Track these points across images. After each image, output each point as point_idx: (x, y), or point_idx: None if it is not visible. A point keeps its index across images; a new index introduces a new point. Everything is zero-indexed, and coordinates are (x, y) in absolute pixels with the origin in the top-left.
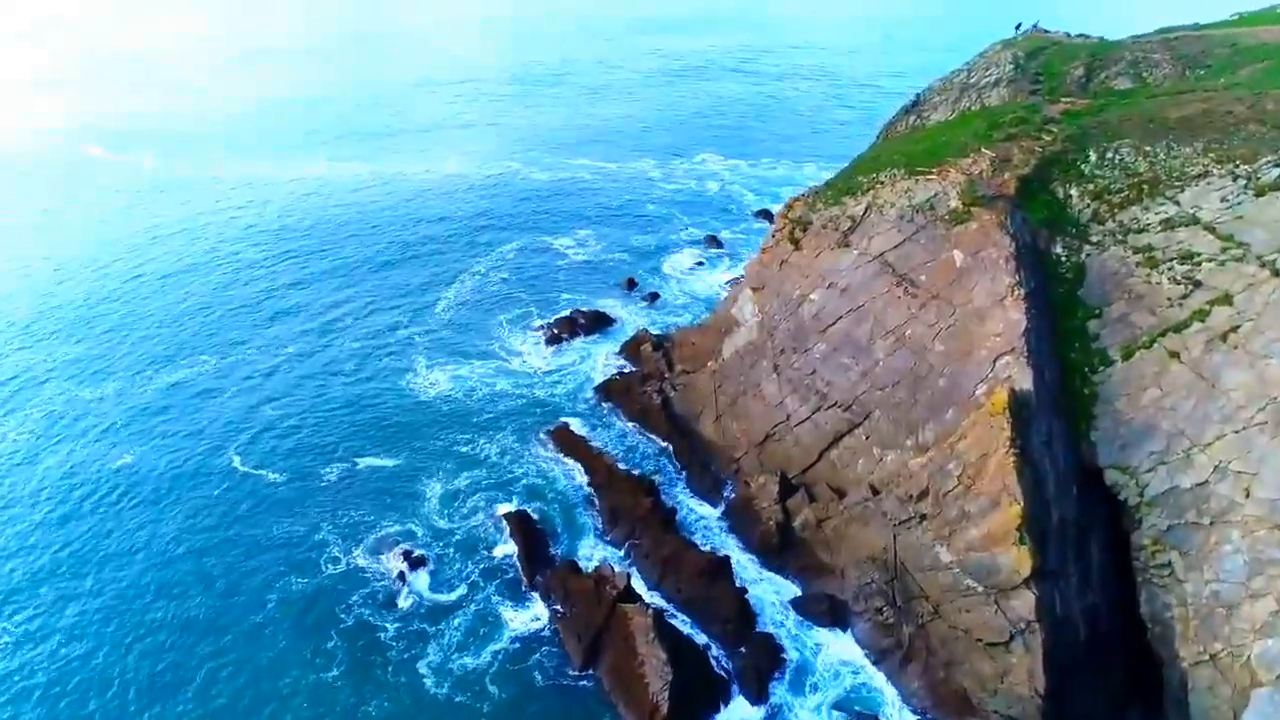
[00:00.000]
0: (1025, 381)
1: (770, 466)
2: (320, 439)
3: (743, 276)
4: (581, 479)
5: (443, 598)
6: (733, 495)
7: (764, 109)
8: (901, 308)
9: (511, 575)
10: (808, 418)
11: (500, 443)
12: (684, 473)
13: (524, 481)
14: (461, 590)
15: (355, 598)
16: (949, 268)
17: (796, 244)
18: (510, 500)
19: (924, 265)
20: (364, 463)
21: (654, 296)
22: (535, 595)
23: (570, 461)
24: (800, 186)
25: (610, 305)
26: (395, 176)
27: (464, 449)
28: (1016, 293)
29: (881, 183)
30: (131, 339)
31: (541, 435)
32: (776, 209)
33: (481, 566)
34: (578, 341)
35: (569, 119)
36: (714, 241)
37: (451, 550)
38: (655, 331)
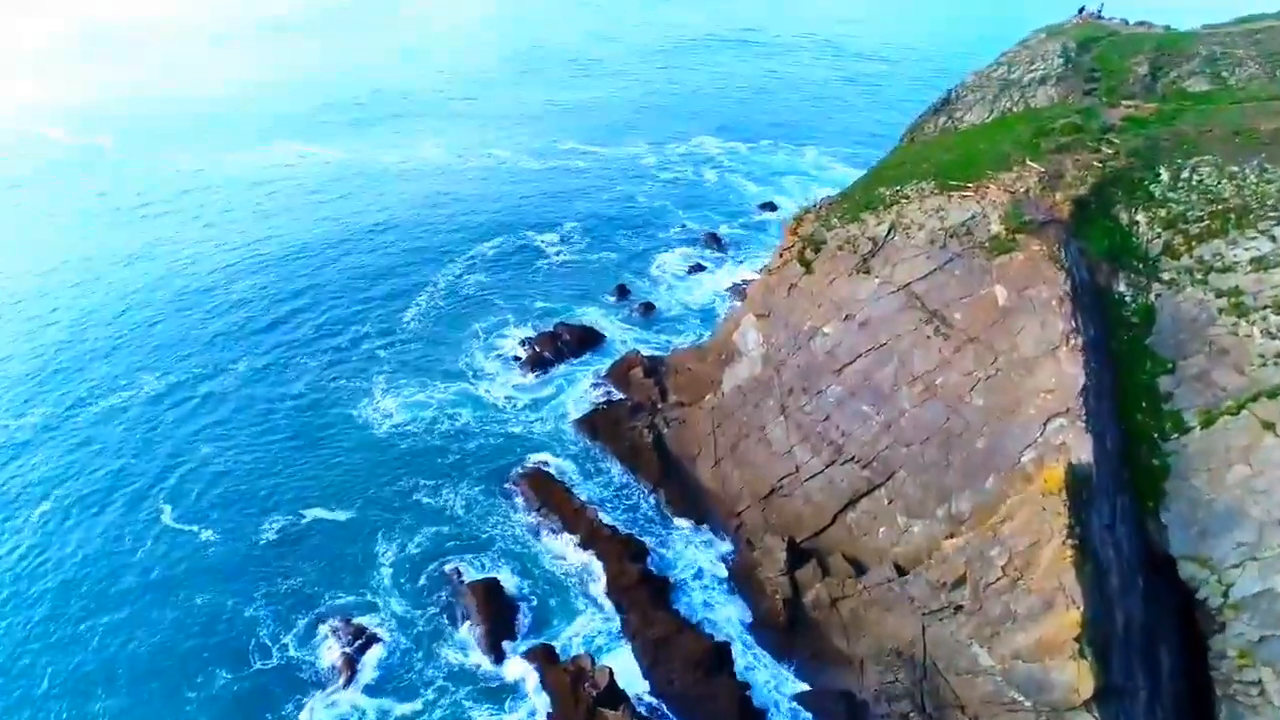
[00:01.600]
0: (1084, 452)
1: (777, 525)
2: (261, 483)
3: (744, 285)
4: (561, 537)
5: (395, 705)
6: (734, 557)
7: (764, 86)
8: (932, 350)
9: (477, 664)
10: (820, 471)
11: (467, 490)
12: (678, 526)
13: (493, 540)
14: (418, 688)
15: (289, 704)
16: (989, 306)
17: (807, 266)
18: (477, 564)
19: (959, 301)
20: (310, 515)
21: (647, 308)
22: (504, 688)
23: (548, 515)
24: (801, 176)
25: (598, 318)
26: (368, 164)
27: (425, 498)
28: (1073, 341)
29: (907, 197)
30: (65, 355)
31: (515, 479)
32: (783, 220)
33: (442, 654)
34: (561, 366)
35: (556, 98)
36: (713, 240)
37: (406, 633)
38: (648, 352)
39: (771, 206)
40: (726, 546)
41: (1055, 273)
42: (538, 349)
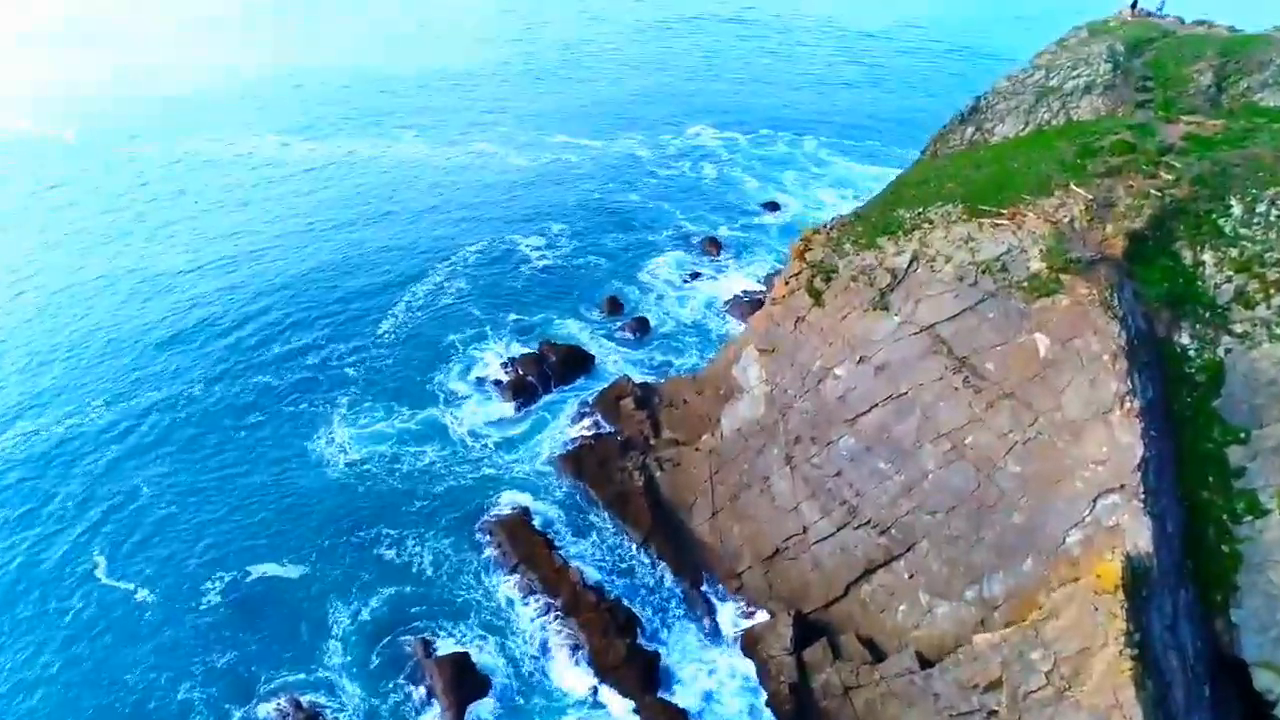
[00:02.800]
0: (1141, 538)
1: (781, 592)
2: (206, 530)
3: (744, 297)
4: (540, 601)
5: None
6: (733, 626)
7: (763, 68)
8: (960, 404)
9: None
10: (831, 534)
11: (435, 542)
12: (671, 589)
13: (464, 605)
14: None
15: None
16: (1028, 357)
17: (817, 298)
18: (446, 632)
19: (992, 349)
20: (256, 571)
21: (640, 324)
22: None
23: (526, 573)
24: (801, 172)
25: (586, 335)
26: (346, 158)
27: (387, 551)
28: (1128, 404)
29: (931, 222)
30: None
31: (490, 528)
32: (790, 243)
33: None
34: (544, 393)
35: (544, 84)
36: (712, 244)
37: (364, 716)
38: (640, 376)
39: (773, 206)
40: (725, 612)
41: (1107, 322)
42: (520, 372)
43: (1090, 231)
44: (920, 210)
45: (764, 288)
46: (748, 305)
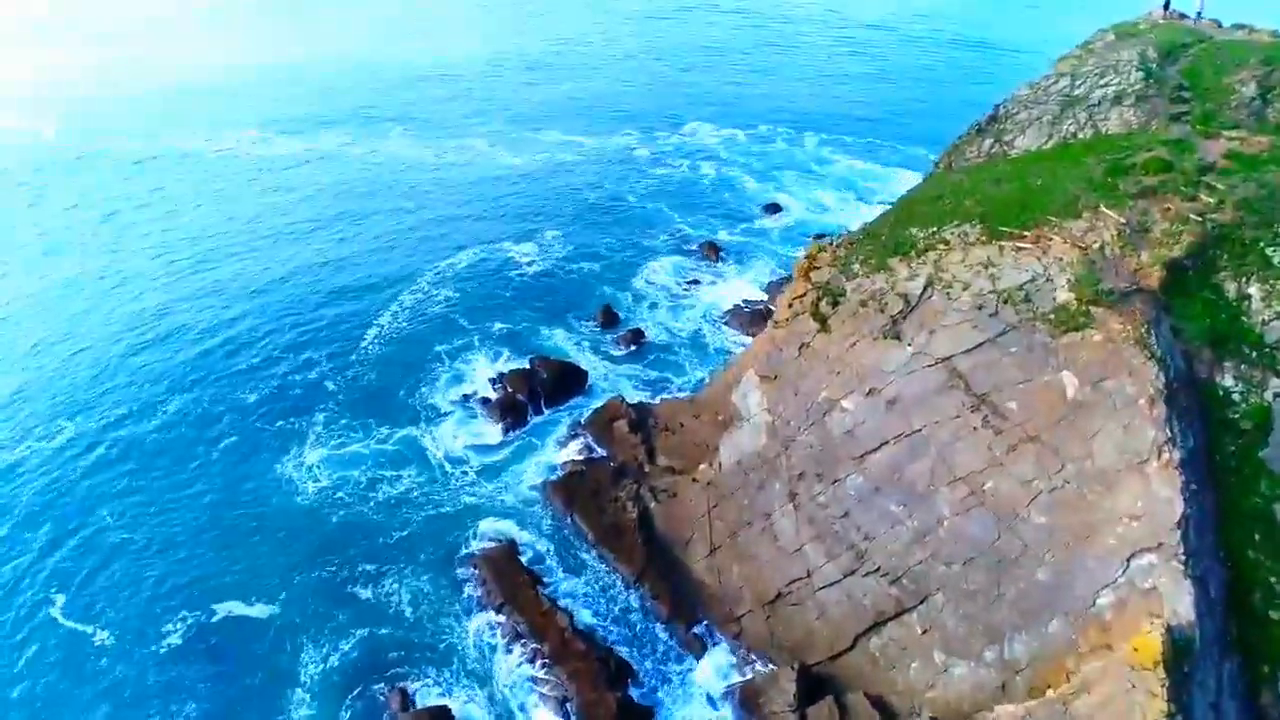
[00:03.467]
0: (1182, 604)
1: (784, 640)
2: (170, 565)
3: (745, 307)
4: (526, 648)
5: None
6: (732, 678)
7: (762, 60)
8: (979, 446)
9: None
10: (837, 580)
11: (413, 580)
12: (665, 635)
13: (444, 650)
14: None
15: None
16: (1055, 398)
17: (823, 323)
18: (422, 682)
19: (1014, 387)
20: (221, 610)
21: (636, 336)
22: None
23: (510, 617)
24: (802, 172)
25: (579, 349)
26: (330, 157)
27: (361, 591)
28: (1166, 455)
29: (946, 243)
30: None
31: (473, 563)
32: (795, 264)
33: None
34: (533, 413)
35: (537, 77)
36: (711, 249)
37: None
38: (635, 394)
39: (774, 208)
40: (722, 658)
41: (1143, 362)
42: (510, 389)
43: (1123, 260)
44: (934, 229)
45: (764, 296)
46: (747, 316)
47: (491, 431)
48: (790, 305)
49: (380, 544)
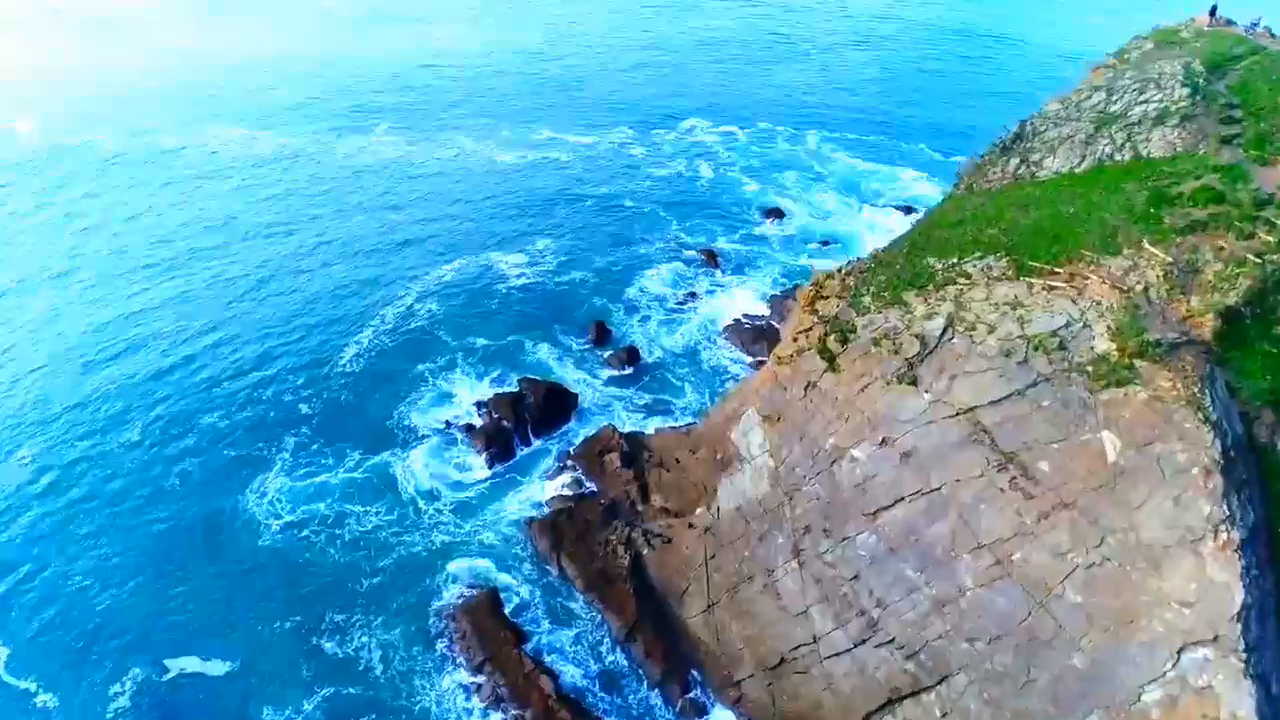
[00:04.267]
0: (1242, 706)
1: (788, 711)
2: (122, 613)
3: (745, 322)
4: (507, 714)
5: None
6: None
7: (762, 52)
8: (1006, 510)
9: None
10: (847, 650)
11: (384, 633)
12: (657, 694)
13: (417, 717)
14: None
15: None
16: (1094, 461)
17: (831, 361)
18: None
19: (1047, 446)
20: (175, 667)
21: (630, 356)
22: None
23: (491, 678)
24: (804, 172)
25: (570, 370)
26: (314, 155)
27: (327, 644)
28: (1224, 534)
29: (968, 277)
30: None
31: (451, 613)
32: (799, 293)
33: None
34: (520, 442)
35: (529, 68)
36: (709, 257)
37: None
38: (629, 419)
39: (774, 213)
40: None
41: (1196, 426)
42: (495, 414)
43: (1171, 305)
44: (955, 261)
45: (766, 310)
46: (748, 332)
47: (474, 462)
48: (795, 339)
49: (349, 590)
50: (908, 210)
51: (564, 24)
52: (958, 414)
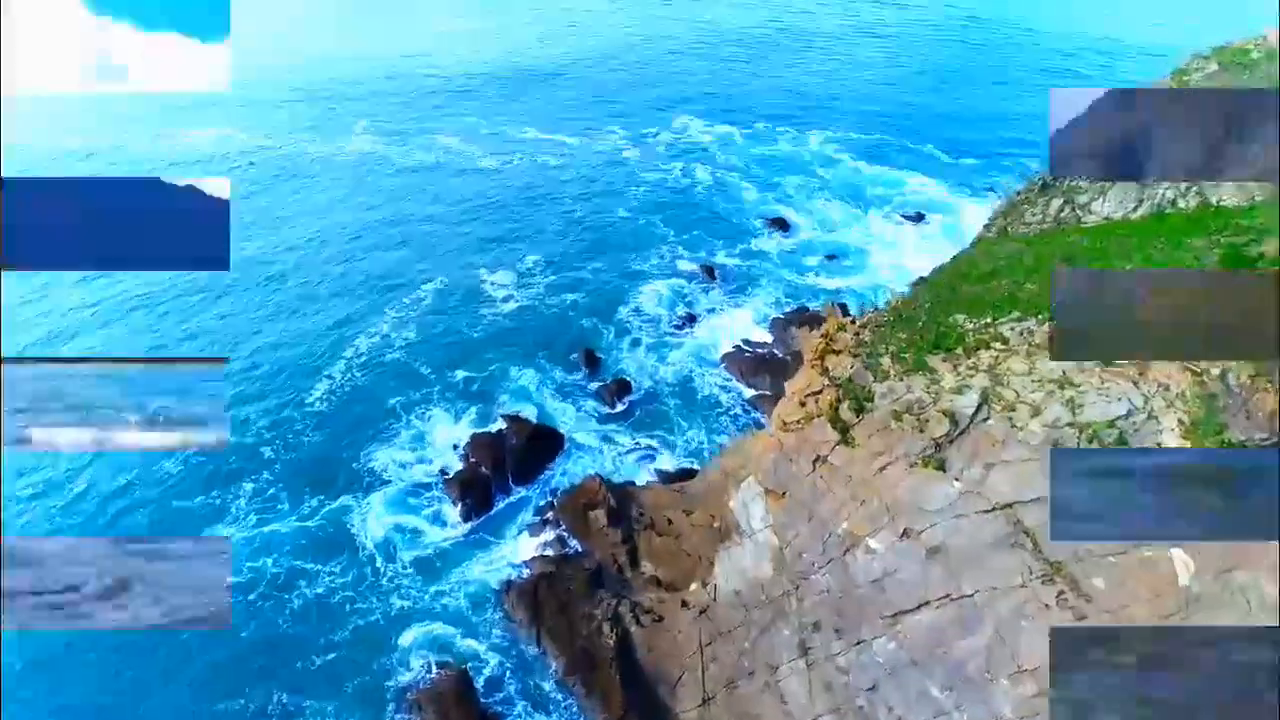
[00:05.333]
0: None
1: None
2: (51, 695)
3: (746, 350)
4: None
5: None
6: None
7: (761, 44)
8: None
9: None
10: None
11: None
12: None
13: None
14: None
15: None
16: (1161, 584)
17: (844, 433)
18: None
19: (1102, 560)
20: None
21: (621, 390)
22: None
23: None
24: (807, 177)
25: (555, 405)
26: (283, 157)
27: None
28: None
29: (1005, 342)
30: None
31: (415, 700)
32: (806, 344)
33: None
34: (499, 499)
35: (514, 59)
36: (706, 273)
37: None
38: (617, 463)
39: (776, 224)
40: None
41: None
42: (473, 460)
43: (1255, 393)
44: (989, 320)
45: (768, 336)
46: (749, 362)
47: (448, 514)
48: (803, 403)
49: (299, 669)
50: (917, 219)
51: (548, 15)
52: (994, 509)
